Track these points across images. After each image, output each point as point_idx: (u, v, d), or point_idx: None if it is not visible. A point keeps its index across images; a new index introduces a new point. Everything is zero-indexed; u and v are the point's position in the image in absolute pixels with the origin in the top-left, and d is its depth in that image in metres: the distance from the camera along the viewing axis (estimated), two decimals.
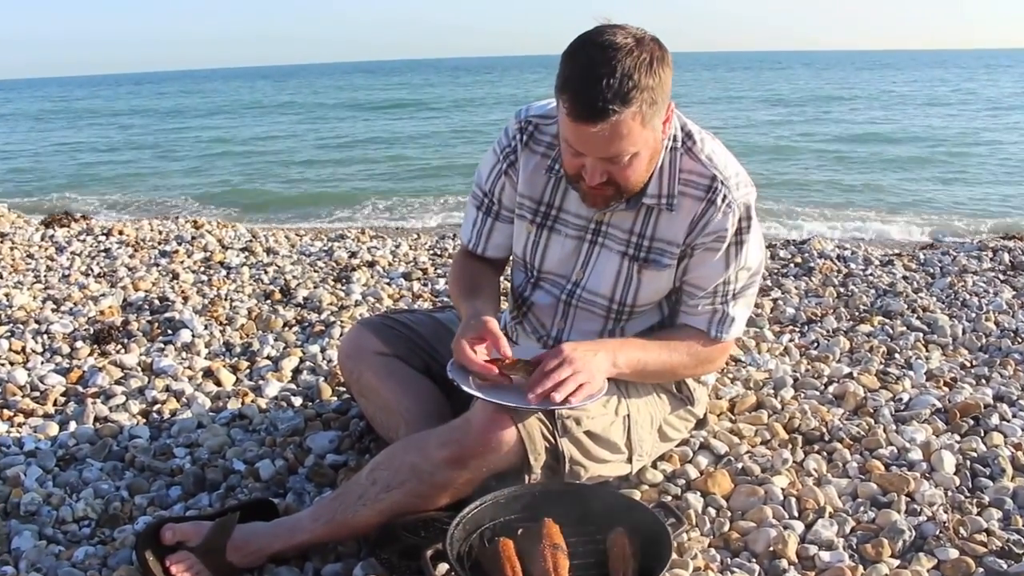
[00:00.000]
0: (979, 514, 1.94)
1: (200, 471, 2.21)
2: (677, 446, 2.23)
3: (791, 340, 3.22)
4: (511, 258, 2.17)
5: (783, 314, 3.51)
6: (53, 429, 2.48)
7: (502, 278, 2.21)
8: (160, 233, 5.49)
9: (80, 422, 2.53)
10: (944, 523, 1.89)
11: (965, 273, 4.06)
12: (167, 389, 2.77)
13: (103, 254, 4.93)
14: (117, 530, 1.97)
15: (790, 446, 2.27)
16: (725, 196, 1.83)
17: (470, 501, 1.69)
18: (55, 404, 2.69)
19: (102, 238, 5.38)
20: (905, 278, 4.03)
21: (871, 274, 4.10)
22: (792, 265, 4.34)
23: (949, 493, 2.04)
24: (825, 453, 2.25)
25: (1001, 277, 3.99)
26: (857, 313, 3.51)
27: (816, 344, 3.16)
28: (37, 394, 2.75)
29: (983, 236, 6.88)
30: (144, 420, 2.57)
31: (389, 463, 1.78)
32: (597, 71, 1.58)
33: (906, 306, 3.53)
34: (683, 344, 1.95)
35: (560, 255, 2.00)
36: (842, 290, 3.85)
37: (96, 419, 2.55)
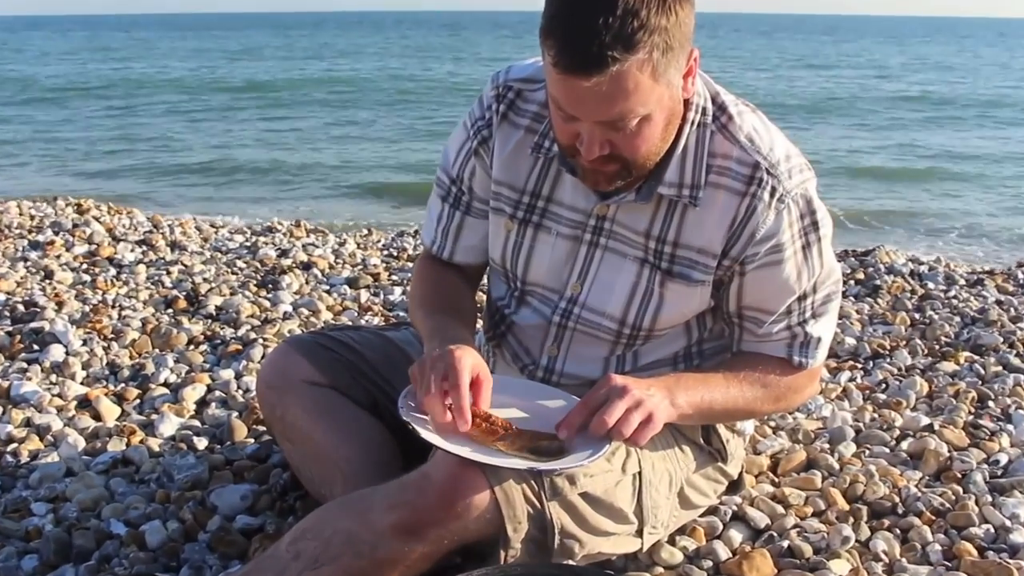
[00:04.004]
0: None
1: (66, 535, 2.14)
2: (703, 515, 2.18)
3: (852, 380, 3.18)
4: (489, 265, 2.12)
5: (841, 346, 3.47)
6: None
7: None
8: (32, 219, 5.42)
9: None
10: None
11: None
12: (27, 423, 2.70)
13: None
14: None
15: (851, 519, 2.22)
16: (775, 189, 1.78)
17: None
18: None
19: None
20: (999, 303, 4.01)
21: (955, 296, 4.08)
22: (853, 283, 4.32)
23: None
24: (898, 530, 2.20)
25: None
26: (938, 347, 3.47)
27: (884, 386, 3.12)
28: None
29: None
30: None
31: (319, 531, 1.71)
32: (592, 6, 1.53)
33: (1001, 339, 3.50)
34: (756, 375, 1.91)
35: (550, 260, 1.96)
36: (917, 316, 3.83)
37: None
